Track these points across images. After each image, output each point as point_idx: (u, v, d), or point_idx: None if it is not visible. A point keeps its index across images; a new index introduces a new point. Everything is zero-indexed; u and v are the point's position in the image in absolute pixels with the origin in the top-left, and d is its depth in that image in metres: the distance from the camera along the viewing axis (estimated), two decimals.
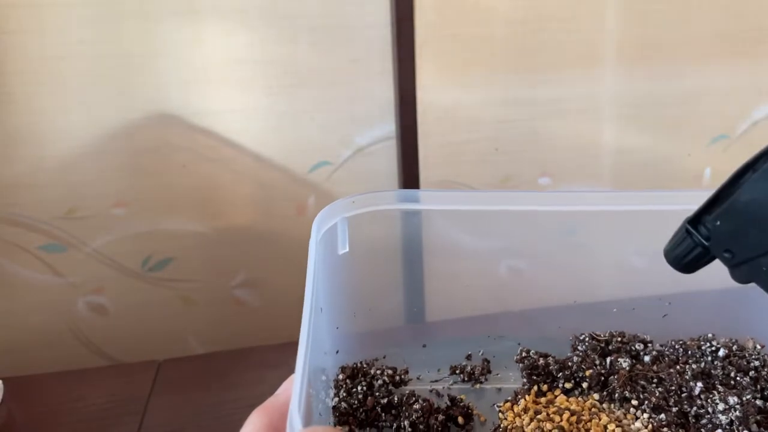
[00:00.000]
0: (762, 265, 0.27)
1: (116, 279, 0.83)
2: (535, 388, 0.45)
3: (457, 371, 0.48)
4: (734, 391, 0.41)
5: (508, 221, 0.46)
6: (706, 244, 0.29)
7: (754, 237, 0.27)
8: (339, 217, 0.43)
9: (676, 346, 0.47)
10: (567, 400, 0.43)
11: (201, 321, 0.87)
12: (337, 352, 0.46)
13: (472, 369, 0.48)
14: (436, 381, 0.48)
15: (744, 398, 0.40)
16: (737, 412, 0.39)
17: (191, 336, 0.87)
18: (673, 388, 0.42)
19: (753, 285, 0.30)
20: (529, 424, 0.41)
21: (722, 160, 0.95)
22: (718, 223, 0.29)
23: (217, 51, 0.78)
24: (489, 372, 0.48)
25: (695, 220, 0.30)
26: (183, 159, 0.81)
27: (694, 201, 0.43)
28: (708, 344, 0.46)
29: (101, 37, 0.75)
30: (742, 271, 0.28)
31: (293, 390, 0.29)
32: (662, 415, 0.40)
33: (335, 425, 0.41)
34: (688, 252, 0.30)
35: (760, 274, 0.28)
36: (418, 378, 0.48)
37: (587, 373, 0.45)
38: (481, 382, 0.48)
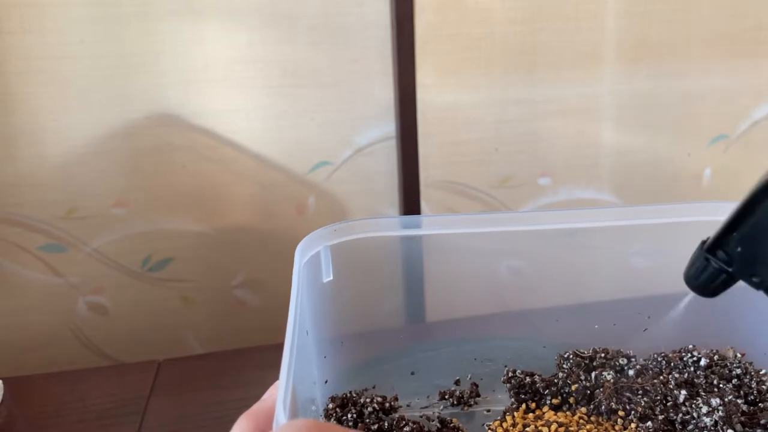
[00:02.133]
0: None
1: (116, 279, 0.83)
2: (524, 406, 0.46)
3: (447, 396, 0.49)
4: (717, 394, 0.42)
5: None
6: (729, 270, 0.28)
7: None
8: (321, 246, 0.43)
9: (659, 359, 0.47)
10: (555, 415, 0.44)
11: (201, 321, 0.87)
12: (326, 382, 0.46)
13: (461, 393, 0.48)
14: (426, 407, 0.48)
15: (726, 399, 0.40)
16: (720, 413, 0.40)
17: (191, 336, 0.87)
18: (658, 397, 0.42)
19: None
20: None
21: (722, 160, 0.95)
22: (739, 249, 0.28)
23: (218, 51, 0.78)
24: (478, 395, 0.49)
25: (713, 247, 0.29)
26: (183, 159, 0.81)
27: (694, 213, 0.43)
28: (689, 355, 0.47)
29: (101, 37, 0.75)
30: None
31: (278, 388, 0.30)
32: (649, 423, 0.41)
33: None
34: (712, 279, 0.29)
35: None
36: (407, 405, 0.48)
37: (573, 387, 0.45)
38: (470, 405, 0.48)
